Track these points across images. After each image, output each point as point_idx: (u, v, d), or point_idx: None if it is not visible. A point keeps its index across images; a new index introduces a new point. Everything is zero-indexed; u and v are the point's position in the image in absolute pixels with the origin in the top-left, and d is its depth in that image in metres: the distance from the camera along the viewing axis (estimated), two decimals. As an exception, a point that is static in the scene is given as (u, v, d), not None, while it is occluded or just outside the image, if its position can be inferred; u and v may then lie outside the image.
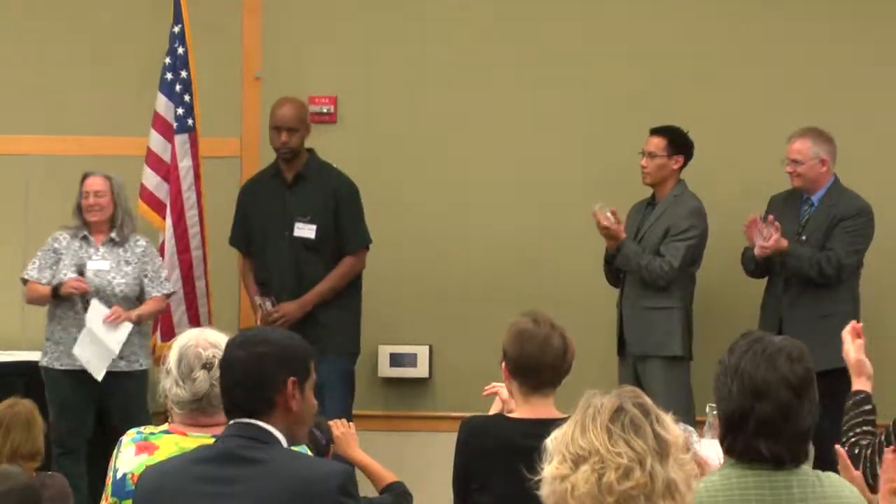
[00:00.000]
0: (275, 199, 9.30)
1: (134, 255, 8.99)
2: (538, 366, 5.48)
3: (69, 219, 9.53)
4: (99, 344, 8.79)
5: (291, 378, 4.56)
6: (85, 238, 9.00)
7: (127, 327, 8.83)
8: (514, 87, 9.75)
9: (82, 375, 8.87)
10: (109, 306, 8.81)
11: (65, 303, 8.86)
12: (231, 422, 4.58)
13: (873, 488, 4.88)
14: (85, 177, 9.02)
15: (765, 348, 4.42)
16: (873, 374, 5.65)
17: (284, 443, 4.55)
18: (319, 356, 8.89)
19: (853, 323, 5.74)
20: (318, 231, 9.18)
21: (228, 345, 4.68)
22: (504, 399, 5.48)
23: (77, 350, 8.79)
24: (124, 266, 8.97)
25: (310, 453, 5.23)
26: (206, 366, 5.05)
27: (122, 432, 5.29)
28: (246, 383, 4.56)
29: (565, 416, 3.87)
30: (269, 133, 9.25)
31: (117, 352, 8.81)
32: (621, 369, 8.83)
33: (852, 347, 5.63)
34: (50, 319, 8.96)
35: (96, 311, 8.81)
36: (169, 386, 5.18)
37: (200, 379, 5.05)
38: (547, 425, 3.88)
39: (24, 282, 8.97)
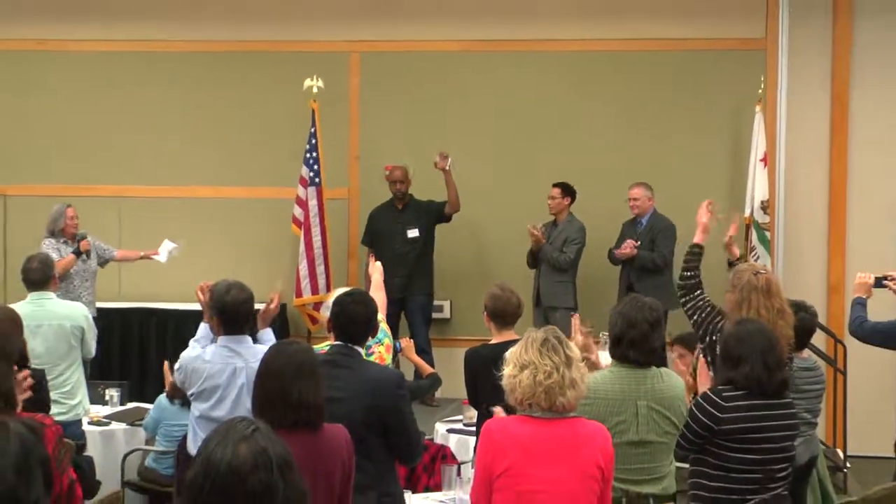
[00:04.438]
0: (393, 217, 9.27)
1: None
2: (505, 312, 5.39)
3: (261, 238, 9.63)
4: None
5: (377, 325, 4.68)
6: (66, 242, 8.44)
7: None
8: (506, 154, 9.59)
9: None
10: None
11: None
12: (336, 342, 4.56)
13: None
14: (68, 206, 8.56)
15: (637, 301, 4.47)
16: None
17: (378, 361, 4.61)
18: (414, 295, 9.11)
19: (709, 201, 5.67)
20: (419, 232, 9.18)
21: (346, 301, 4.58)
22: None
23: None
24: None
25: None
26: None
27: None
28: (363, 329, 4.55)
29: (518, 338, 3.93)
30: (389, 185, 9.29)
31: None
32: (536, 314, 8.74)
33: (704, 215, 5.57)
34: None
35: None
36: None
37: None
38: (511, 344, 3.94)
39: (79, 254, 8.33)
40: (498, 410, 4.18)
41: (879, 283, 5.94)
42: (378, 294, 5.67)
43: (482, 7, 9.59)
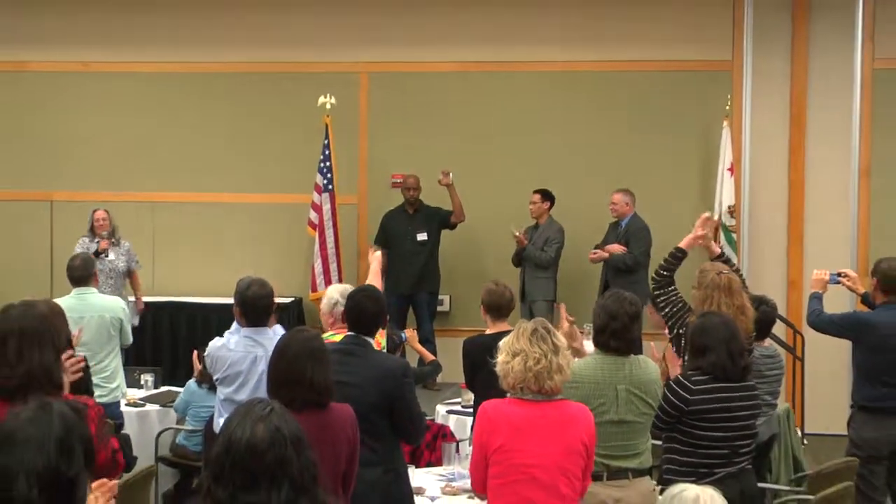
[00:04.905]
0: (405, 221, 9.18)
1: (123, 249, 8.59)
2: (500, 305, 5.34)
3: (280, 239, 9.54)
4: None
5: (386, 318, 4.64)
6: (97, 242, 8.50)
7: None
8: (499, 163, 9.53)
9: None
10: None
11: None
12: (349, 333, 4.53)
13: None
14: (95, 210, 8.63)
15: (618, 296, 4.42)
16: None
17: (375, 346, 4.52)
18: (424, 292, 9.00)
19: (707, 216, 5.56)
20: (428, 236, 9.11)
21: (358, 297, 4.54)
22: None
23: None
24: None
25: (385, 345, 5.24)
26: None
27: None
28: (374, 322, 4.49)
29: (511, 328, 3.90)
30: (403, 191, 9.21)
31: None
32: (522, 307, 8.64)
33: (700, 229, 5.48)
34: None
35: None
36: (329, 309, 5.16)
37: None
38: (504, 334, 3.91)
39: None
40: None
41: (834, 279, 5.93)
42: (375, 282, 5.65)
43: (478, 33, 9.58)
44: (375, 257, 6.05)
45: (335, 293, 5.22)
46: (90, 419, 3.11)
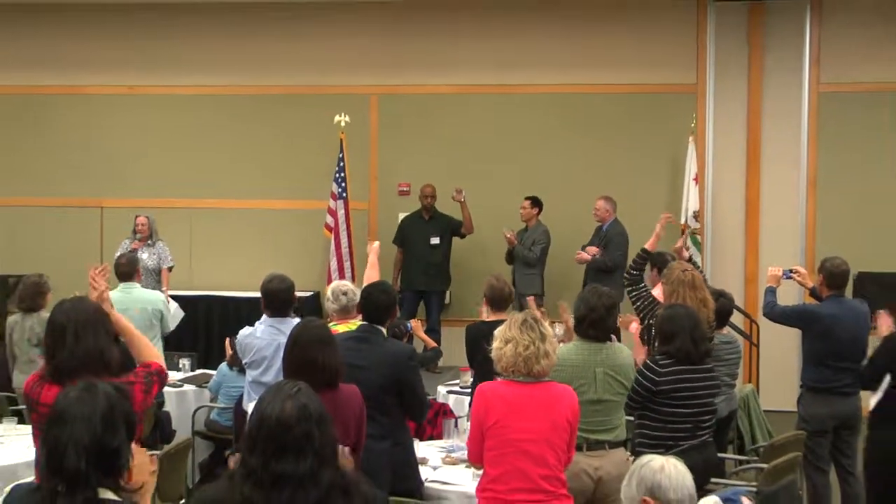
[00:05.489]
0: (421, 225, 9.13)
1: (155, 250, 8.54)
2: (500, 298, 5.31)
3: (300, 238, 9.49)
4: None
5: (395, 310, 4.57)
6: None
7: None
8: (495, 173, 9.49)
9: None
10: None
11: None
12: (363, 322, 4.52)
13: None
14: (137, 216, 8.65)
15: (596, 290, 4.39)
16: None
17: (386, 334, 4.51)
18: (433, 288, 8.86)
19: (667, 215, 5.62)
20: (440, 240, 9.06)
21: (372, 291, 4.50)
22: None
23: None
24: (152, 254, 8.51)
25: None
26: (345, 294, 4.98)
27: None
28: (385, 313, 4.45)
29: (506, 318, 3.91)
30: (421, 199, 9.14)
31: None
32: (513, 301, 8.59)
33: (658, 228, 5.48)
34: None
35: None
36: (329, 303, 5.11)
37: (343, 300, 4.95)
38: (501, 322, 3.90)
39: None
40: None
41: (787, 275, 5.95)
42: (373, 273, 5.57)
43: (477, 59, 9.56)
44: (374, 249, 6.00)
45: (328, 291, 5.22)
46: (134, 394, 3.11)
